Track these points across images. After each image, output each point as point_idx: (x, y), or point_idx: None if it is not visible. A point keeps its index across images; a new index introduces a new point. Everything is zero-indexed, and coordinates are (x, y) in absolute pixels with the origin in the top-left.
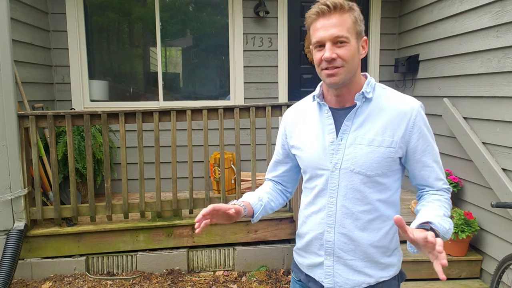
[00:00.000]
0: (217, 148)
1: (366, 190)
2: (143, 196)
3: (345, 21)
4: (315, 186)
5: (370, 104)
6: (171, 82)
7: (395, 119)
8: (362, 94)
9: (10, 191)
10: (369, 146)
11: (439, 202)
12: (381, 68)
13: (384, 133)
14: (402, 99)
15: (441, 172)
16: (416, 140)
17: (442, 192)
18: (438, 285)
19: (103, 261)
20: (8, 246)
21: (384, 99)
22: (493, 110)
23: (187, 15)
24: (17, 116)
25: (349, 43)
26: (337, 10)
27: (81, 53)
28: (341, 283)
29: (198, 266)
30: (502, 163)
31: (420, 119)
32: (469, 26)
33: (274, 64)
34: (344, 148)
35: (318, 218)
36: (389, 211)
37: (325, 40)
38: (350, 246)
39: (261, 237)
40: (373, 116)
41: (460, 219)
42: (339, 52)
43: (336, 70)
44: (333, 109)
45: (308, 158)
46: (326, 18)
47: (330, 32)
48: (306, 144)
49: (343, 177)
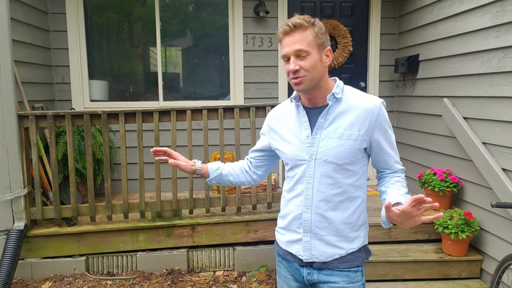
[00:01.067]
0: (217, 148)
1: (337, 176)
2: (143, 196)
3: (305, 37)
4: (295, 174)
5: (340, 104)
6: (171, 82)
7: (360, 116)
8: (332, 95)
9: (10, 191)
10: (339, 140)
11: (399, 183)
12: (381, 68)
13: (352, 128)
14: (366, 99)
15: (397, 156)
16: (378, 133)
17: (399, 173)
18: (438, 285)
19: (103, 261)
20: (8, 246)
21: (351, 98)
22: (493, 110)
23: (187, 15)
24: (17, 116)
25: (310, 55)
26: (298, 28)
27: (81, 53)
28: (317, 255)
29: (198, 266)
30: (502, 163)
31: (381, 115)
32: (469, 26)
33: (274, 64)
34: (319, 141)
35: (298, 201)
36: (356, 192)
37: (289, 54)
38: (324, 224)
39: (261, 237)
40: (343, 113)
41: (460, 219)
42: (301, 64)
43: (301, 79)
44: (307, 108)
45: (288, 151)
46: (289, 36)
47: (292, 48)
48: (287, 140)
49: (318, 166)
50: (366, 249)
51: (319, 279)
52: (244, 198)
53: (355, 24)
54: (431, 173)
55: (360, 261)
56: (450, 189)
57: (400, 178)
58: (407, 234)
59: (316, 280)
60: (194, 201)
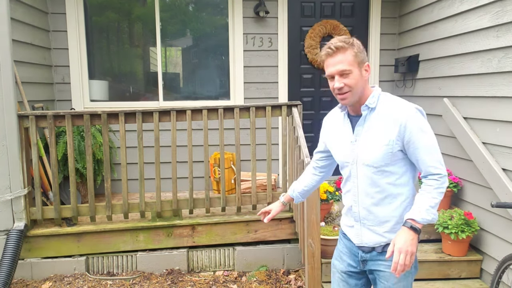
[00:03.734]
0: (217, 148)
1: (375, 177)
2: (143, 196)
3: (346, 57)
4: (344, 173)
5: (374, 112)
6: (171, 82)
7: (391, 124)
8: (366, 106)
9: (10, 191)
10: (373, 145)
11: (427, 193)
12: (381, 68)
13: (384, 135)
14: (398, 107)
15: (434, 160)
16: (408, 139)
17: (432, 181)
18: (438, 285)
19: (103, 261)
20: (8, 246)
21: (385, 106)
22: (493, 110)
23: (187, 15)
24: (17, 116)
25: (352, 73)
26: (340, 50)
27: (81, 53)
28: (366, 241)
29: (198, 266)
30: (502, 163)
31: (411, 122)
32: (469, 26)
33: (274, 64)
34: (358, 147)
35: (349, 196)
36: (397, 190)
37: (333, 73)
38: (370, 217)
39: (261, 237)
40: (377, 121)
41: (460, 219)
42: (345, 82)
43: (345, 95)
44: (351, 116)
45: (337, 155)
46: (332, 57)
47: (336, 68)
48: (336, 145)
49: (360, 169)
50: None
51: (371, 257)
52: (244, 198)
53: (355, 24)
54: None
55: None
56: (450, 189)
57: (430, 187)
58: None
59: (369, 258)
60: (194, 201)
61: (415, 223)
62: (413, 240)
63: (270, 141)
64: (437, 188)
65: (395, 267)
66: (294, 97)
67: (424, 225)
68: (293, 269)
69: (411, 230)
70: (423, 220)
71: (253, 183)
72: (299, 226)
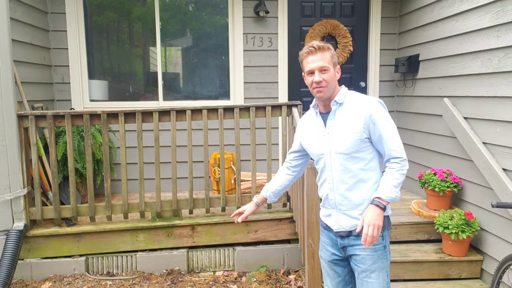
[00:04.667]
0: (217, 148)
1: (347, 163)
2: (143, 196)
3: (325, 56)
4: (320, 165)
5: (342, 107)
6: (171, 82)
7: (358, 115)
8: (335, 101)
9: (10, 191)
10: (344, 134)
11: (389, 175)
12: (381, 68)
13: (352, 124)
14: (363, 101)
15: (395, 145)
16: (373, 126)
17: (394, 164)
18: (438, 285)
19: (103, 261)
20: (7, 246)
21: (352, 101)
22: (494, 110)
23: (187, 15)
24: (17, 116)
25: (329, 71)
26: (320, 50)
27: (81, 53)
28: (344, 226)
29: (198, 266)
30: (502, 163)
31: (374, 112)
32: (470, 26)
33: (274, 64)
34: (331, 138)
35: (325, 185)
36: (367, 175)
37: (314, 69)
38: (345, 202)
39: (261, 237)
40: (346, 114)
41: (461, 219)
42: (323, 77)
43: (322, 89)
44: (322, 113)
45: (313, 148)
46: (313, 55)
47: (317, 64)
48: (311, 140)
49: (333, 158)
50: (386, 219)
51: (349, 243)
52: (244, 198)
53: (355, 24)
54: (432, 173)
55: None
56: (451, 189)
57: (392, 170)
58: (408, 234)
59: (347, 244)
60: (194, 201)
61: (381, 201)
62: (379, 216)
63: (270, 141)
64: (399, 170)
65: (364, 238)
66: (294, 97)
67: (388, 202)
68: (293, 269)
69: (377, 207)
70: (388, 198)
71: (253, 183)
72: (299, 226)
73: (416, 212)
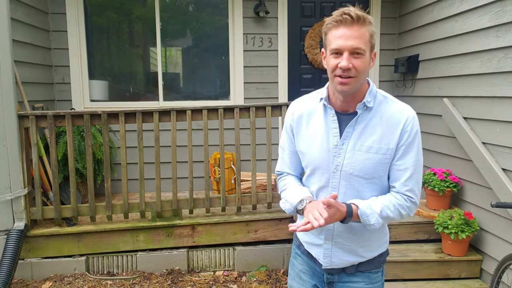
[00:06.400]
0: (217, 148)
1: (363, 189)
2: (143, 196)
3: (364, 33)
4: (318, 181)
5: (370, 113)
6: (171, 82)
7: (391, 129)
8: (363, 104)
9: (10, 191)
10: (367, 153)
11: (388, 202)
12: (381, 68)
13: (381, 142)
14: (399, 110)
15: (412, 180)
16: (400, 145)
17: (399, 196)
18: (438, 285)
19: (103, 261)
20: (8, 246)
21: (383, 108)
22: (493, 110)
23: (187, 15)
24: (17, 116)
25: (364, 56)
26: (359, 22)
27: (81, 53)
28: (337, 263)
29: (198, 266)
30: (502, 163)
31: (411, 127)
32: (469, 26)
33: (274, 64)
34: (345, 152)
35: None
36: None
37: (344, 49)
38: (348, 235)
39: (261, 237)
40: (372, 124)
41: (460, 219)
42: (354, 63)
43: (349, 80)
44: (337, 113)
45: (312, 157)
46: (347, 28)
47: (349, 43)
48: (312, 145)
49: (343, 178)
50: (386, 252)
51: (340, 279)
52: (244, 198)
53: None
54: (431, 173)
55: (380, 263)
56: (450, 189)
57: (395, 200)
58: (407, 234)
59: (337, 280)
60: (194, 201)
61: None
62: (336, 219)
63: (270, 141)
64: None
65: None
66: (294, 97)
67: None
68: None
69: (344, 213)
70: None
71: (253, 183)
72: None
73: (415, 212)
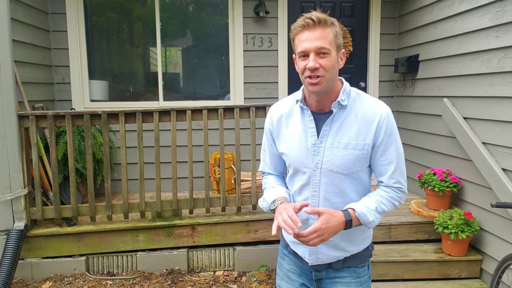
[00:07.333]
0: (217, 148)
1: (343, 185)
2: (143, 196)
3: (327, 34)
4: (299, 180)
5: (345, 110)
6: (171, 82)
7: (366, 125)
8: (338, 102)
9: (10, 191)
10: (345, 150)
11: (380, 197)
12: (381, 68)
13: (358, 138)
14: (372, 106)
15: (397, 172)
16: (380, 142)
17: (389, 190)
18: (437, 285)
19: (103, 261)
20: (8, 246)
21: (357, 105)
22: (493, 110)
23: (187, 15)
24: (17, 116)
25: (330, 55)
26: (321, 24)
27: (81, 53)
28: (323, 259)
29: (198, 266)
30: (502, 163)
31: (386, 123)
32: (469, 26)
33: (274, 64)
34: (324, 150)
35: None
36: (359, 197)
37: (309, 50)
38: None
39: (261, 237)
40: (348, 122)
41: (460, 219)
42: (321, 62)
43: (318, 80)
44: (313, 113)
45: (293, 157)
46: (310, 31)
47: (314, 44)
48: (291, 145)
49: (323, 175)
50: (371, 246)
51: (327, 275)
52: (244, 198)
53: (355, 24)
54: (431, 173)
55: (366, 258)
56: (450, 189)
57: (386, 194)
58: (407, 234)
59: (325, 276)
60: (194, 201)
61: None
62: (335, 232)
63: None
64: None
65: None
66: None
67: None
68: None
69: (342, 223)
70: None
71: (253, 183)
72: None
73: (415, 212)
